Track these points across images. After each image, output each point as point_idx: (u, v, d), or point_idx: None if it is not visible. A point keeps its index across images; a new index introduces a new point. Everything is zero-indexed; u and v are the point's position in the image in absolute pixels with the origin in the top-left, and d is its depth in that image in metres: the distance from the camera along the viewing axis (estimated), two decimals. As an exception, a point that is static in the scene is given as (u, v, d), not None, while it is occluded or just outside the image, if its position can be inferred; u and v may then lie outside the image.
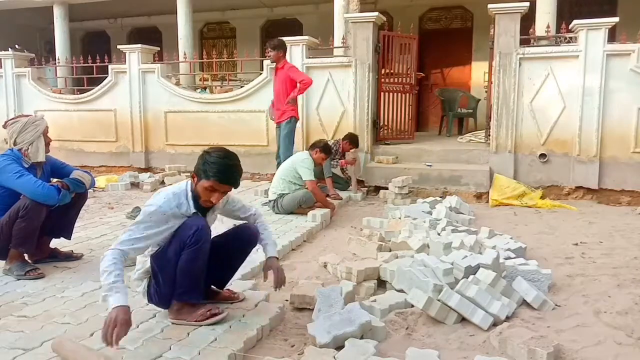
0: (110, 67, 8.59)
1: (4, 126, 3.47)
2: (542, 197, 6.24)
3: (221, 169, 2.43)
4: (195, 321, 2.56)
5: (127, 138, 8.61)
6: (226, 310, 2.64)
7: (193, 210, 2.53)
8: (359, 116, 7.00)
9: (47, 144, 3.55)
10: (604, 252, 4.14)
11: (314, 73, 7.34)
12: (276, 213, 5.34)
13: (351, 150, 6.66)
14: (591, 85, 6.19)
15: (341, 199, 6.09)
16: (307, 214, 5.10)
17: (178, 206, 2.49)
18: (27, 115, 3.53)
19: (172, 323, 2.60)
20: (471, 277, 2.98)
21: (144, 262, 2.64)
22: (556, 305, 3.00)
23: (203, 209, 2.58)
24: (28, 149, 3.40)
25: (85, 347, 2.25)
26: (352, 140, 6.60)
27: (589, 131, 6.25)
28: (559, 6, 7.31)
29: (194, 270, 2.53)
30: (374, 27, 7.13)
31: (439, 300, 2.76)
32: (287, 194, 5.30)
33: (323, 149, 5.57)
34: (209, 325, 2.55)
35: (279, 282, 2.75)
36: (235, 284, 3.13)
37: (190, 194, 2.53)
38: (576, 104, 6.28)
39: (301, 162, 5.42)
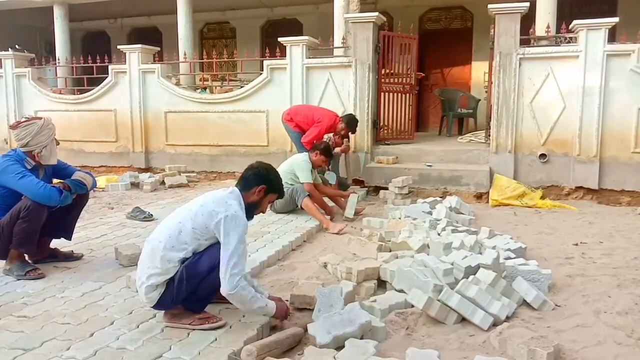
0: (110, 67, 8.59)
1: (15, 127, 3.41)
2: (542, 197, 6.24)
3: (282, 187, 2.83)
4: (190, 324, 2.56)
5: (127, 138, 8.61)
6: (223, 319, 2.62)
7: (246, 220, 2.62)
8: (359, 116, 6.98)
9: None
10: (604, 252, 4.14)
11: (314, 73, 7.35)
12: (276, 212, 5.34)
13: (344, 140, 6.38)
14: (591, 85, 6.19)
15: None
16: (307, 213, 5.09)
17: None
18: (39, 118, 3.49)
19: (166, 326, 2.59)
20: (471, 277, 2.98)
21: (166, 270, 2.52)
22: (556, 305, 3.00)
23: None
24: (41, 151, 3.39)
25: None
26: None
27: (589, 131, 6.25)
28: (559, 6, 7.30)
29: (216, 286, 2.54)
30: (374, 27, 7.13)
31: (439, 300, 2.76)
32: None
33: (323, 151, 5.40)
34: (202, 330, 2.54)
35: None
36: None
37: (243, 205, 2.63)
38: (576, 104, 6.28)
39: (300, 164, 5.31)
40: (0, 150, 8.19)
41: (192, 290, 2.54)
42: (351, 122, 6.28)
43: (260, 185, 2.66)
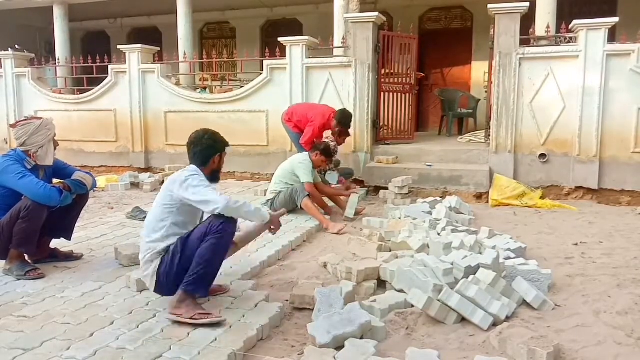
0: (110, 67, 8.59)
1: (14, 126, 3.43)
2: (542, 197, 6.24)
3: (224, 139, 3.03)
4: (191, 318, 2.58)
5: (127, 138, 8.61)
6: (223, 317, 2.65)
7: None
8: (359, 116, 7.00)
9: (55, 148, 3.55)
10: (604, 252, 4.14)
11: (314, 73, 7.35)
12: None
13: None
14: (591, 85, 6.18)
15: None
16: (307, 213, 5.09)
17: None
18: (39, 118, 3.50)
19: (169, 318, 2.62)
20: (471, 277, 2.98)
21: (156, 244, 2.73)
22: (556, 305, 3.00)
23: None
24: (37, 151, 3.39)
25: None
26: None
27: (589, 131, 6.25)
28: (559, 6, 7.30)
29: (212, 261, 2.64)
30: (374, 27, 7.13)
31: (439, 300, 2.76)
32: (283, 192, 5.28)
33: (323, 151, 5.39)
34: (203, 326, 2.55)
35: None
36: (235, 284, 3.15)
37: (202, 175, 2.82)
38: (576, 104, 6.28)
39: (300, 164, 5.30)
40: (0, 150, 8.19)
41: (187, 265, 2.64)
42: (343, 119, 6.06)
43: (216, 155, 2.92)
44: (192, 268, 2.62)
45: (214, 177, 2.94)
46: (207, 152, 2.90)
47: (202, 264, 2.61)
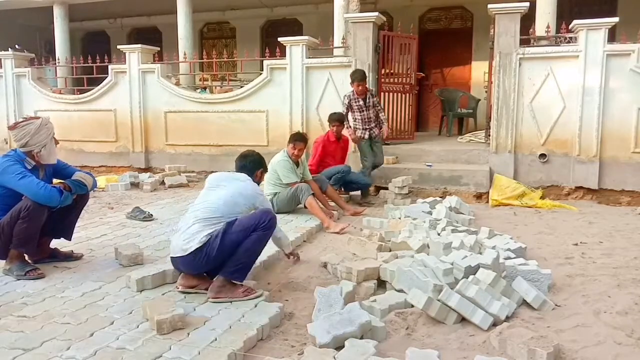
0: (110, 67, 8.60)
1: (12, 127, 3.40)
2: (542, 197, 6.24)
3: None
4: (236, 297, 2.89)
5: (127, 138, 8.62)
6: (261, 290, 3.02)
7: None
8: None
9: (55, 146, 3.54)
10: (604, 252, 4.14)
11: (314, 73, 7.36)
12: (276, 212, 5.32)
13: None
14: (591, 85, 6.19)
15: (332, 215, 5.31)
16: (309, 212, 5.08)
17: None
18: (37, 118, 3.49)
19: (215, 302, 2.87)
20: (471, 277, 2.98)
21: (208, 228, 2.96)
22: (556, 305, 3.00)
23: None
24: (40, 150, 3.39)
25: None
26: (352, 75, 6.27)
27: (589, 131, 6.26)
28: (559, 6, 7.31)
29: (256, 252, 3.02)
30: (374, 27, 7.13)
31: (439, 300, 2.76)
32: (279, 192, 5.27)
33: (293, 138, 5.28)
34: (249, 300, 2.89)
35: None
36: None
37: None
38: (576, 104, 6.28)
39: (277, 165, 5.25)
40: (0, 150, 8.19)
41: (227, 248, 2.89)
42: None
43: (259, 170, 3.42)
44: (239, 258, 2.92)
45: None
46: (254, 165, 3.39)
47: (250, 255, 2.97)
